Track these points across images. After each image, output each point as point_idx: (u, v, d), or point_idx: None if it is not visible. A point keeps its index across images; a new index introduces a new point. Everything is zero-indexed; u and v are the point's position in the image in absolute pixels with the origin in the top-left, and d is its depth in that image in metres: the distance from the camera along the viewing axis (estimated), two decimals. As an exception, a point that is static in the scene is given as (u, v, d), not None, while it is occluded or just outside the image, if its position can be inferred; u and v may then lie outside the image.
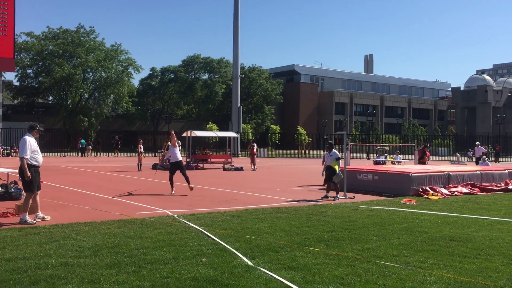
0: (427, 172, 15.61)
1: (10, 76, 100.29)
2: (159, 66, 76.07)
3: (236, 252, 6.79)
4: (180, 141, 30.47)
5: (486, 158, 24.09)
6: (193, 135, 29.21)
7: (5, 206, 10.73)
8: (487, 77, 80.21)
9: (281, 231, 8.43)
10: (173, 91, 67.18)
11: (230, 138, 34.61)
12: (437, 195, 14.21)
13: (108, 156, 43.61)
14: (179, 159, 14.97)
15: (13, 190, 12.41)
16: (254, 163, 27.30)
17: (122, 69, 57.27)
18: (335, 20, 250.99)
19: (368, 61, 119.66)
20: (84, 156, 42.74)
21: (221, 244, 7.29)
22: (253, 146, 28.11)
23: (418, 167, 18.35)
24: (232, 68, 53.85)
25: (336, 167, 13.85)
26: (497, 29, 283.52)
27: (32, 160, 9.10)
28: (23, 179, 9.12)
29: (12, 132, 41.93)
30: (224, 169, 26.58)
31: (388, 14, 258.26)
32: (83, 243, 7.22)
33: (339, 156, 14.08)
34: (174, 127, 60.59)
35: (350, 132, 70.25)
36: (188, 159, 27.82)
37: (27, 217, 8.97)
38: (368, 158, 44.49)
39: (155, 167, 26.68)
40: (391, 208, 11.63)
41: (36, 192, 9.27)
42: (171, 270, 5.84)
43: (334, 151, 14.10)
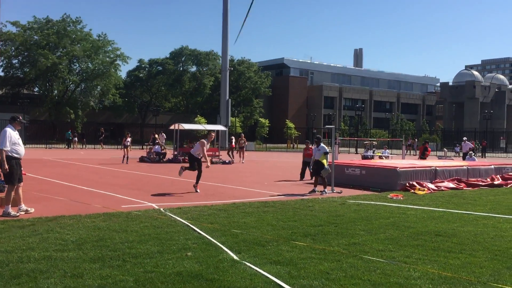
0: (414, 167, 15.70)
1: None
2: (147, 58, 75.58)
3: (222, 246, 6.74)
4: (164, 134, 30.40)
5: (473, 154, 24.29)
6: (181, 128, 29.04)
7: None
8: (476, 73, 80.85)
9: (268, 225, 8.41)
10: (161, 83, 66.75)
11: (218, 131, 34.48)
12: (424, 190, 14.29)
13: (94, 148, 43.25)
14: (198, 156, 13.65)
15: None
16: (233, 155, 27.60)
17: (109, 60, 56.67)
18: (325, 14, 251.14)
19: (357, 56, 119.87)
20: (70, 148, 42.33)
21: (207, 238, 7.24)
22: (231, 140, 28.43)
23: (405, 162, 18.44)
24: (220, 61, 53.66)
25: (324, 161, 13.85)
26: (486, 25, 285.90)
27: (13, 152, 8.96)
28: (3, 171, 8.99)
29: (-4, 123, 41.36)
30: (212, 162, 26.47)
31: (379, 9, 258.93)
32: (67, 237, 7.12)
33: (327, 151, 14.08)
34: (162, 120, 60.36)
35: (339, 127, 70.47)
36: (175, 152, 27.68)
37: (10, 210, 8.84)
38: (356, 153, 44.69)
39: (142, 159, 26.53)
40: (378, 203, 11.67)
41: (18, 185, 9.14)
42: (155, 265, 5.78)
43: (322, 145, 14.09)
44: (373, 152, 31.16)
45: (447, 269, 5.92)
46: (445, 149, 46.04)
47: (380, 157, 28.09)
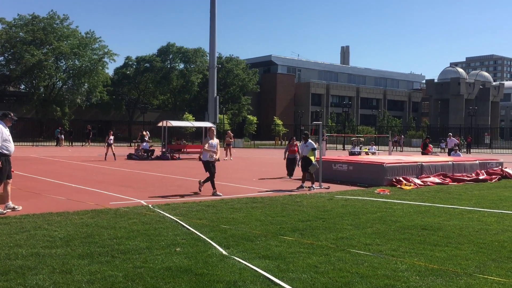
0: (401, 163, 15.84)
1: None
2: (134, 55, 75.04)
3: (211, 241, 6.77)
4: (148, 132, 30.24)
5: (458, 149, 24.59)
6: (169, 125, 28.96)
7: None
8: (460, 70, 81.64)
9: (256, 221, 8.44)
10: (148, 81, 66.38)
11: (206, 128, 34.41)
12: (410, 185, 14.44)
13: (82, 146, 42.93)
14: (206, 158, 12.58)
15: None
16: (226, 153, 27.45)
17: (97, 57, 56.16)
18: (312, 11, 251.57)
19: (344, 53, 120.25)
20: (58, 145, 41.97)
21: (196, 233, 7.26)
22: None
23: (391, 158, 18.60)
24: (208, 58, 53.45)
25: (312, 158, 13.91)
26: (470, 23, 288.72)
27: (3, 149, 8.88)
28: None
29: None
30: (200, 159, 26.41)
31: (365, 7, 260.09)
32: (54, 233, 7.09)
33: (315, 147, 14.15)
34: (150, 117, 60.07)
35: (326, 123, 70.77)
36: (164, 149, 27.60)
37: (-3, 207, 8.77)
38: (344, 149, 44.94)
39: (130, 157, 26.42)
40: (365, 198, 11.77)
41: (8, 181, 9.07)
42: (144, 260, 5.79)
43: (310, 141, 14.15)
44: (360, 148, 31.40)
45: (434, 261, 6.01)
46: (430, 145, 46.45)
47: (367, 153, 28.30)
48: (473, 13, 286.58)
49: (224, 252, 6.24)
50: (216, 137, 13.07)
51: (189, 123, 40.51)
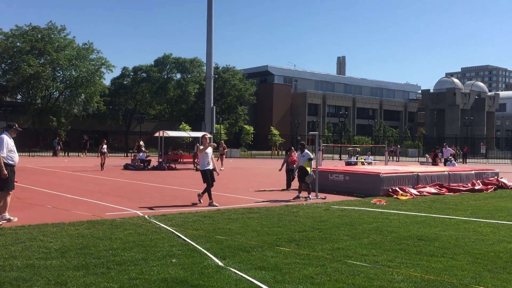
0: (397, 173, 15.88)
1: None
2: (131, 66, 75.08)
3: (207, 252, 6.75)
4: (143, 142, 30.18)
5: (452, 159, 24.68)
6: (166, 135, 28.96)
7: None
8: (456, 80, 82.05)
9: (253, 231, 8.43)
10: (145, 91, 66.42)
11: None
12: (406, 195, 14.46)
13: (78, 156, 42.82)
14: (206, 167, 12.46)
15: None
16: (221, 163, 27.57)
17: (94, 68, 56.21)
18: (309, 22, 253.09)
19: (340, 63, 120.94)
20: (56, 156, 41.86)
21: (192, 244, 7.25)
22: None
23: (388, 168, 18.63)
24: (205, 68, 53.58)
25: (308, 168, 13.93)
26: (466, 34, 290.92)
27: (9, 159, 8.97)
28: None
29: (-22, 131, 40.62)
30: (197, 169, 26.42)
31: (361, 17, 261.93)
32: (50, 245, 7.06)
33: (311, 157, 14.18)
34: (147, 127, 60.02)
35: (323, 133, 70.85)
36: (160, 159, 27.57)
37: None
38: (340, 159, 44.96)
39: (126, 167, 26.36)
40: (362, 208, 11.78)
41: (9, 193, 9.10)
42: (140, 271, 5.77)
43: (306, 151, 14.19)
44: (357, 158, 31.44)
45: (430, 272, 6.01)
46: (427, 155, 46.56)
47: (363, 163, 28.34)
48: (468, 23, 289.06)
49: (220, 263, 6.23)
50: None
51: (186, 133, 40.51)
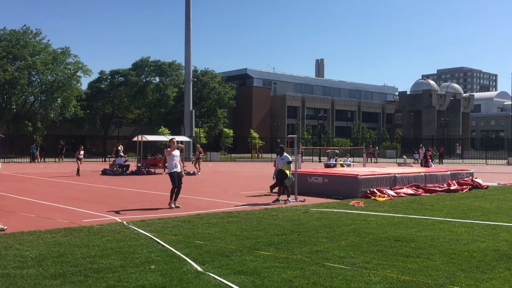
0: (375, 175, 16.07)
1: None
2: (108, 69, 74.34)
3: (186, 258, 6.74)
4: (122, 146, 29.91)
5: (430, 160, 25.25)
6: (144, 139, 28.75)
7: None
8: (432, 82, 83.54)
9: (232, 236, 8.45)
10: (123, 95, 65.90)
11: (182, 142, 34.28)
12: (384, 197, 14.65)
13: (55, 162, 42.18)
14: (173, 169, 12.64)
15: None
16: (199, 167, 27.53)
17: (70, 72, 55.44)
18: (287, 25, 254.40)
19: (319, 66, 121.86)
20: (33, 162, 41.16)
21: (171, 250, 7.23)
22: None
23: (366, 170, 18.84)
24: (184, 72, 53.41)
25: (287, 171, 14.01)
26: (441, 36, 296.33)
27: None
28: None
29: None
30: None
31: (339, 21, 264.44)
32: (26, 253, 6.96)
33: (291, 160, 14.25)
34: (125, 131, 59.48)
35: (302, 136, 71.24)
36: (139, 164, 27.35)
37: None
38: (320, 161, 45.29)
39: (104, 172, 26.08)
40: (340, 210, 11.90)
41: None
42: (118, 279, 5.74)
43: (285, 154, 14.26)
44: (336, 161, 31.71)
45: (406, 273, 6.12)
46: (404, 156, 47.25)
47: (342, 165, 28.61)
48: (444, 26, 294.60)
49: (199, 268, 6.23)
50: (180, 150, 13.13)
51: (165, 137, 40.24)
